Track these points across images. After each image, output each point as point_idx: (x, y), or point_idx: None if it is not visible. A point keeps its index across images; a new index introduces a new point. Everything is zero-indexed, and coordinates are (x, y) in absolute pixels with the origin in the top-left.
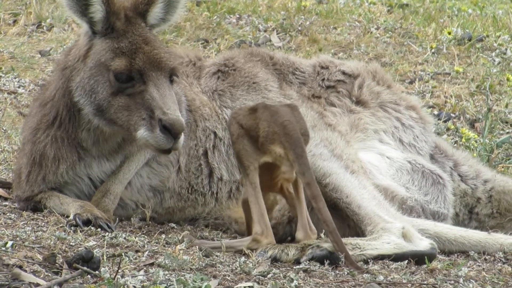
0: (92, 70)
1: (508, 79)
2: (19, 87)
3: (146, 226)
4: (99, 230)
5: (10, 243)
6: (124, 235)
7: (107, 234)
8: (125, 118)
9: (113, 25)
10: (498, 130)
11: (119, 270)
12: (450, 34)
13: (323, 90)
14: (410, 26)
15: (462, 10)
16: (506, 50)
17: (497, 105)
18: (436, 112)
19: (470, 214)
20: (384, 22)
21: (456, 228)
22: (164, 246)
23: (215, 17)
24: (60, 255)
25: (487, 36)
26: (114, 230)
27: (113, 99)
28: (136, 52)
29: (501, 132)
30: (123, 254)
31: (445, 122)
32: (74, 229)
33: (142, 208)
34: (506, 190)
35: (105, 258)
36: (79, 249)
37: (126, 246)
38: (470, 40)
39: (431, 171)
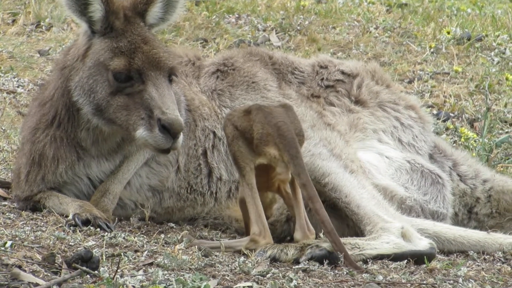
0: (91, 70)
1: (507, 79)
2: (18, 87)
3: (145, 226)
4: (98, 230)
5: (9, 243)
6: (123, 235)
7: (106, 234)
8: (124, 118)
9: (112, 24)
10: (497, 130)
11: (118, 270)
12: (449, 33)
13: (322, 90)
14: (409, 25)
15: (461, 10)
16: (505, 49)
17: (496, 104)
18: (435, 111)
19: (469, 214)
20: (383, 21)
21: (455, 227)
22: (163, 246)
23: (214, 16)
24: (59, 255)
25: (486, 35)
26: (113, 230)
27: (112, 99)
28: (135, 51)
29: (500, 131)
30: (122, 254)
31: (444, 121)
32: (73, 229)
33: (141, 208)
34: (505, 190)
35: (104, 258)
36: (78, 249)
37: (125, 246)
38: (469, 39)
39: (430, 171)
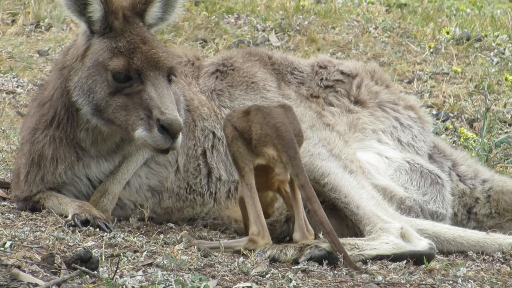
0: (90, 70)
1: (506, 79)
2: (18, 87)
3: (145, 226)
4: (98, 230)
5: (8, 243)
6: (122, 235)
7: (106, 234)
8: (123, 118)
9: (111, 24)
10: (497, 130)
11: (118, 270)
12: (448, 33)
13: (322, 90)
14: (409, 25)
15: (461, 10)
16: (505, 49)
17: (495, 104)
18: (434, 111)
19: (468, 214)
20: (382, 21)
21: (454, 228)
22: (162, 246)
23: (214, 17)
24: (58, 255)
25: (486, 35)
26: (112, 230)
27: (111, 99)
28: (134, 51)
29: (499, 131)
30: (122, 254)
31: (443, 121)
32: (72, 229)
33: (140, 208)
34: (504, 190)
35: (103, 258)
36: (78, 249)
37: (124, 246)
38: (468, 39)
39: (430, 171)
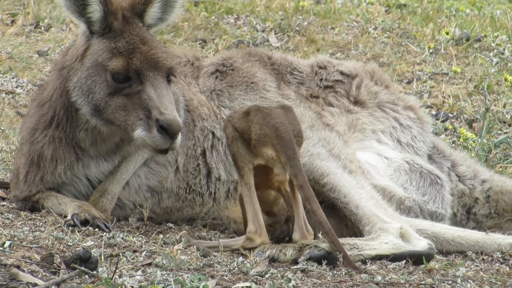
0: (89, 70)
1: (506, 79)
2: (17, 87)
3: (144, 226)
4: (97, 230)
5: (8, 243)
6: (121, 235)
7: (105, 234)
8: (122, 118)
9: (110, 25)
10: (496, 130)
11: (117, 270)
12: (448, 34)
13: (321, 90)
14: (408, 26)
15: (460, 10)
16: (504, 50)
17: (495, 105)
18: (434, 112)
19: (468, 215)
20: (382, 22)
21: (454, 228)
22: (161, 246)
23: (213, 17)
24: (58, 255)
25: (485, 36)
26: (111, 230)
27: (110, 99)
28: (133, 52)
29: (499, 132)
30: (121, 254)
31: (443, 122)
32: (72, 229)
33: (140, 208)
34: (504, 190)
35: (102, 258)
36: (77, 249)
37: (123, 246)
38: (468, 40)
39: (429, 171)
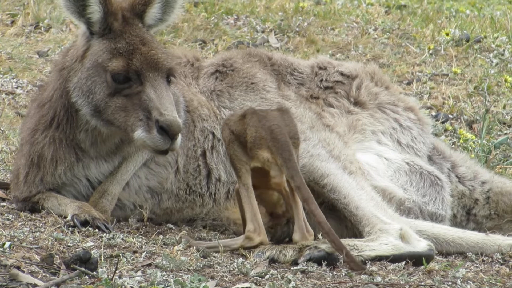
0: (89, 71)
1: (506, 80)
2: (17, 88)
3: (144, 227)
4: (97, 231)
5: (8, 244)
6: (121, 236)
7: (105, 235)
8: (122, 119)
9: (110, 25)
10: (496, 131)
11: (117, 271)
12: (448, 35)
13: (321, 91)
14: (408, 27)
15: (460, 11)
16: (504, 51)
17: (495, 106)
18: (434, 113)
19: (467, 216)
20: (382, 23)
21: (453, 229)
22: (161, 247)
23: (213, 18)
24: (57, 256)
25: (485, 37)
26: (111, 231)
27: (110, 100)
28: (133, 52)
29: (499, 133)
30: (121, 255)
31: (443, 123)
32: (71, 229)
33: (139, 209)
34: (503, 191)
35: (102, 259)
36: (77, 249)
37: (123, 247)
38: (468, 41)
39: (429, 173)
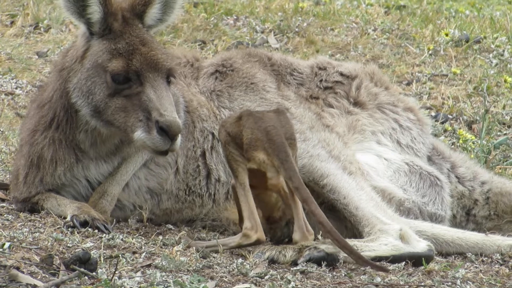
0: (89, 71)
1: (505, 81)
2: (17, 88)
3: (143, 228)
4: (96, 231)
5: (7, 245)
6: (121, 237)
7: (104, 235)
8: (122, 120)
9: (110, 26)
10: (496, 132)
11: (116, 272)
12: (447, 35)
13: (321, 91)
14: (408, 27)
15: (460, 12)
16: (504, 51)
17: (494, 106)
18: (433, 113)
19: (467, 216)
20: (381, 23)
21: (453, 229)
22: (161, 247)
23: (213, 18)
24: (57, 257)
25: (485, 37)
26: (111, 231)
27: (110, 101)
28: (133, 53)
29: (498, 133)
30: (120, 255)
31: (442, 123)
32: (71, 230)
33: (139, 209)
34: (503, 192)
35: (102, 259)
36: (76, 250)
37: (123, 247)
38: (467, 41)
39: (429, 173)
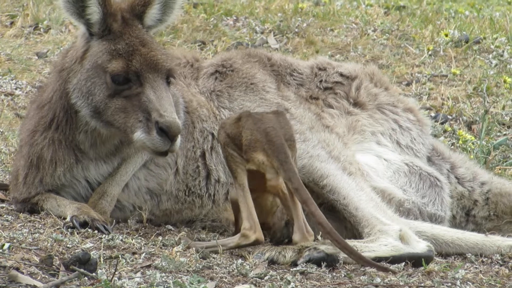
0: (89, 72)
1: (505, 81)
2: (16, 89)
3: (143, 228)
4: (96, 232)
5: (7, 245)
6: (121, 237)
7: (104, 236)
8: (122, 120)
9: (110, 26)
10: (495, 132)
11: (116, 272)
12: (447, 36)
13: (321, 92)
14: (407, 28)
15: (459, 12)
16: (503, 52)
17: (494, 107)
18: (433, 114)
19: (467, 217)
20: (381, 24)
21: (453, 230)
22: (161, 248)
23: (212, 19)
24: (57, 257)
25: (484, 38)
26: (111, 232)
27: (110, 101)
28: (132, 54)
29: (498, 134)
30: (120, 256)
31: (442, 124)
32: (71, 231)
33: (139, 210)
34: (503, 192)
35: (102, 260)
36: (76, 251)
37: (123, 248)
38: (467, 42)
39: (429, 174)
